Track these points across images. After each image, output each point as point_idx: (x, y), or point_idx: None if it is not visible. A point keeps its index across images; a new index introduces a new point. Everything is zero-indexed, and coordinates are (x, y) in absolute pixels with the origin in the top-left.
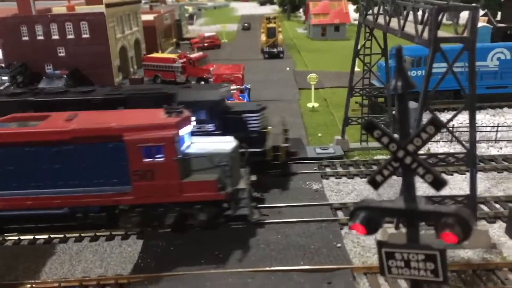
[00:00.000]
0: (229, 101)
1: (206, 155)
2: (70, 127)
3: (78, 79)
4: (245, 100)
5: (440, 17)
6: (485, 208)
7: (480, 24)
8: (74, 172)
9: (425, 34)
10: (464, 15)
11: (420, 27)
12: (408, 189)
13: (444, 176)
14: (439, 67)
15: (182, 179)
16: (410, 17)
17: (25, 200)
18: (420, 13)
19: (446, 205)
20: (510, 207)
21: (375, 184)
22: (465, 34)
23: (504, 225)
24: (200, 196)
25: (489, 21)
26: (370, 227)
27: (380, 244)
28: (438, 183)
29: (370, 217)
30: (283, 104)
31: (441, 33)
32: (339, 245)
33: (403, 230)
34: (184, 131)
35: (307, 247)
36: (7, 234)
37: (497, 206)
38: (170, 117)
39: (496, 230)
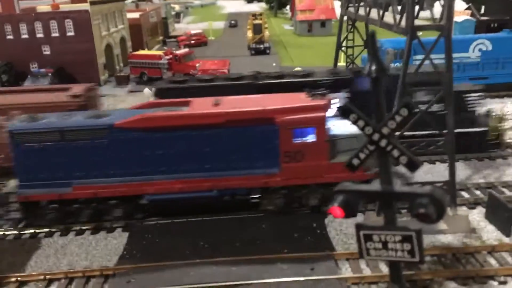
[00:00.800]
0: None
1: (355, 135)
2: (224, 110)
3: (64, 77)
4: None
5: (417, 8)
6: (465, 194)
7: (464, 17)
8: (224, 155)
9: (403, 23)
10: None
11: (398, 17)
12: (384, 172)
13: (427, 165)
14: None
15: (330, 160)
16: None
17: (176, 184)
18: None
19: (422, 187)
20: (489, 193)
21: (352, 167)
22: (441, 23)
23: (484, 210)
24: (348, 176)
25: (472, 15)
26: (348, 210)
27: (358, 227)
28: (413, 165)
29: (348, 200)
30: None
31: (418, 22)
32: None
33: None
34: (329, 113)
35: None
36: None
37: (478, 192)
38: (316, 100)
39: (476, 216)
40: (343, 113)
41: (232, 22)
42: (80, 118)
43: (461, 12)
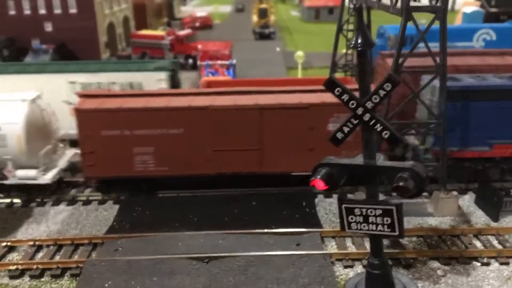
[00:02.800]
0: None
1: None
2: None
3: (65, 54)
4: (230, 76)
5: None
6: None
7: (473, 8)
8: None
9: (398, 4)
10: None
11: None
12: (367, 146)
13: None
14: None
15: None
16: None
17: None
18: None
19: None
20: (480, 178)
21: (336, 141)
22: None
23: (474, 196)
24: None
25: (482, 6)
26: (331, 183)
27: (340, 200)
28: (395, 140)
29: (331, 173)
30: None
31: (414, 4)
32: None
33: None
34: None
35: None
36: None
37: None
38: None
39: (467, 201)
40: (328, 86)
41: (239, 6)
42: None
43: (471, 3)
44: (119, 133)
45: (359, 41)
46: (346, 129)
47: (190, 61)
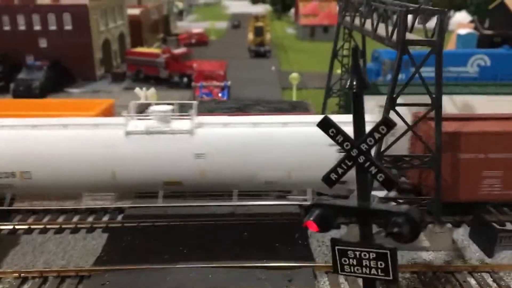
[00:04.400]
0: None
1: None
2: None
3: (59, 71)
4: (224, 98)
5: (412, 20)
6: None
7: (467, 30)
8: None
9: (395, 37)
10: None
11: (390, 29)
12: (361, 188)
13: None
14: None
15: None
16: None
17: None
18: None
19: (399, 205)
20: (475, 212)
21: (329, 182)
22: (433, 38)
23: (468, 229)
24: None
25: (475, 28)
26: (323, 225)
27: (333, 242)
28: (389, 183)
29: (323, 214)
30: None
31: (410, 36)
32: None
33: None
34: None
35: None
36: None
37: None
38: None
39: (461, 234)
40: (321, 126)
41: (235, 22)
42: None
43: (465, 25)
44: (474, 156)
45: (354, 83)
46: (340, 170)
47: (185, 79)
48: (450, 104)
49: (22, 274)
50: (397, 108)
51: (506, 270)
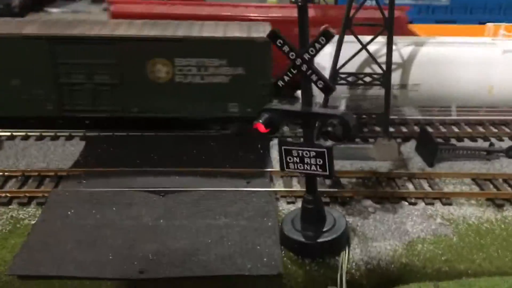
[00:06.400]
0: None
1: None
2: None
3: None
4: None
5: None
6: (403, 128)
7: None
8: None
9: None
10: None
11: None
12: (305, 94)
13: None
14: None
15: None
16: None
17: None
18: None
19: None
20: (421, 127)
21: (278, 88)
22: None
23: (415, 143)
24: None
25: None
26: (271, 127)
27: (280, 143)
28: (327, 89)
29: (271, 117)
30: None
31: None
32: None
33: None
34: None
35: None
36: None
37: (416, 127)
38: None
39: (408, 148)
40: (270, 38)
41: None
42: None
43: None
44: None
45: None
46: (286, 78)
47: None
48: None
49: (6, 173)
50: None
51: (441, 177)
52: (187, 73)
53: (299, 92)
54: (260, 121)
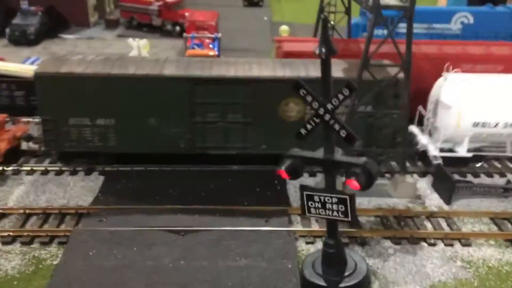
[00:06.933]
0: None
1: None
2: None
3: (53, 16)
4: (215, 49)
5: None
6: (419, 163)
7: None
8: None
9: (370, 1)
10: None
11: None
12: (327, 142)
13: None
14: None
15: None
16: None
17: None
18: None
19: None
20: (437, 164)
21: (300, 137)
22: (405, 4)
23: (432, 179)
24: None
25: None
26: (293, 173)
27: (302, 188)
28: (351, 139)
29: (293, 164)
30: (253, 55)
31: (385, 1)
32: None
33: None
34: None
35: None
36: None
37: None
38: None
39: (424, 184)
40: (293, 88)
41: None
42: None
43: None
44: None
45: (323, 50)
46: (309, 127)
47: (178, 28)
48: None
49: (27, 211)
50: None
51: (460, 216)
52: None
53: None
54: (283, 167)
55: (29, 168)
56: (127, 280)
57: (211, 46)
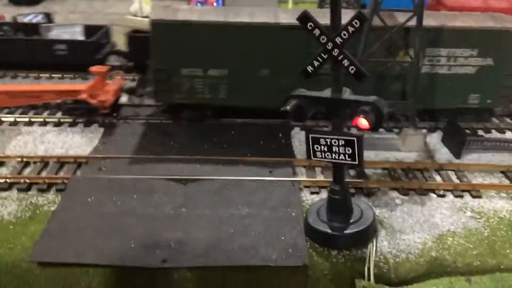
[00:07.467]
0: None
1: None
2: None
3: None
4: (218, 6)
5: None
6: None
7: None
8: None
9: None
10: None
11: None
12: (335, 80)
13: None
14: None
15: None
16: None
17: None
18: None
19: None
20: (448, 119)
21: (306, 74)
22: None
23: (442, 134)
24: None
25: None
26: (299, 114)
27: (307, 131)
28: (360, 75)
29: (299, 104)
30: None
31: None
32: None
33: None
34: None
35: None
36: None
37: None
38: None
39: (434, 139)
40: (301, 20)
41: None
42: None
43: None
44: None
45: None
46: (316, 63)
47: None
48: None
49: (25, 159)
50: None
51: (469, 169)
52: (436, 64)
53: None
54: (288, 107)
55: (27, 119)
56: (127, 226)
57: (215, 4)
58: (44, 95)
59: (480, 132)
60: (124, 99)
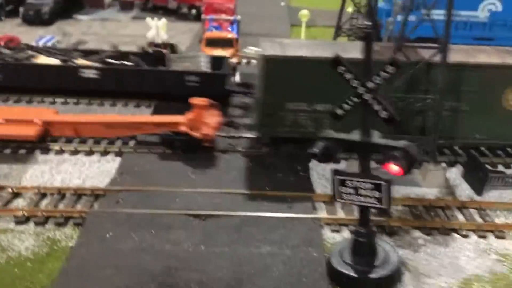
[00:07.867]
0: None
1: None
2: None
3: None
4: (234, 32)
5: None
6: (448, 152)
7: None
8: None
9: None
10: None
11: None
12: (364, 124)
13: None
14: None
15: None
16: None
17: None
18: None
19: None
20: (468, 153)
21: (336, 117)
22: None
23: (462, 169)
24: None
25: None
26: (326, 156)
27: (334, 172)
28: (391, 120)
29: (327, 146)
30: None
31: None
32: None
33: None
34: None
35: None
36: None
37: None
38: None
39: (454, 174)
40: (332, 64)
41: None
42: None
43: None
44: None
45: (368, 23)
46: (346, 106)
47: (194, 11)
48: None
49: (42, 190)
50: None
51: (492, 207)
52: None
53: None
54: (316, 150)
55: (43, 147)
56: (145, 264)
57: (229, 29)
58: (143, 126)
59: (500, 167)
60: None
